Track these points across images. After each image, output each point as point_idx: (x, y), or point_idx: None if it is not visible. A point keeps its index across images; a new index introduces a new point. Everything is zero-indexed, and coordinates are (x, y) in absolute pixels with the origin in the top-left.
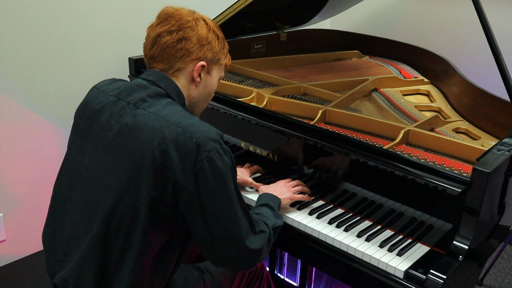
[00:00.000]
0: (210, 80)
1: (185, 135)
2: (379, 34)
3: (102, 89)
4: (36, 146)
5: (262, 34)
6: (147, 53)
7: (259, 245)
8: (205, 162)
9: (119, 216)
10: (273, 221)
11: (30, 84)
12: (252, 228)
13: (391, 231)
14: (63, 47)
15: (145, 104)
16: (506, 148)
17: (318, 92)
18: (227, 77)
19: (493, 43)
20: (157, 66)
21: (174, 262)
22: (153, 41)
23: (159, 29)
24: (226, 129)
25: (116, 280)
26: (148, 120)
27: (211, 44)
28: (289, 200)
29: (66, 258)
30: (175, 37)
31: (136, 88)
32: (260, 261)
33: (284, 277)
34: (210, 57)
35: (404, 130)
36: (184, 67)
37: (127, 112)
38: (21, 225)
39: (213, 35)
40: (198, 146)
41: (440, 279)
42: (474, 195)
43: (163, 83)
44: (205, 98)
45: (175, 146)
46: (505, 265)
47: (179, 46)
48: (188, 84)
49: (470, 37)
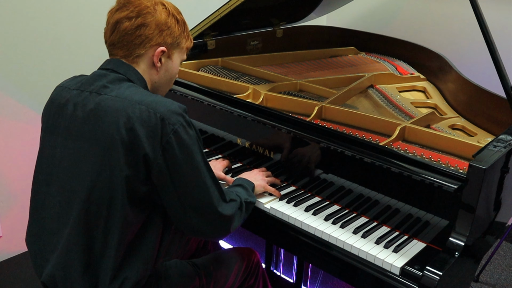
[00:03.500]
0: (171, 64)
1: (148, 111)
2: (375, 31)
3: (65, 86)
4: (32, 143)
5: (258, 30)
6: (107, 39)
7: (230, 211)
8: (170, 135)
9: (97, 200)
10: (245, 196)
11: (27, 81)
12: (222, 197)
13: (387, 227)
14: (60, 44)
15: (107, 90)
16: (502, 145)
17: (314, 89)
18: (223, 73)
19: (489, 40)
20: (117, 53)
21: (158, 243)
22: (112, 27)
23: (118, 15)
24: (222, 125)
25: (102, 265)
26: (112, 103)
27: (170, 29)
28: (261, 188)
29: (51, 254)
30: (134, 23)
31: (97, 78)
32: (232, 228)
33: (280, 274)
34: (170, 42)
35: (400, 127)
36: (144, 53)
37: (90, 100)
38: (17, 221)
39: (172, 20)
40: (163, 120)
41: (436, 276)
42: (470, 192)
43: (122, 69)
44: (168, 81)
45: (141, 123)
46: (501, 262)
47: (138, 32)
48: (149, 69)
49: (466, 34)
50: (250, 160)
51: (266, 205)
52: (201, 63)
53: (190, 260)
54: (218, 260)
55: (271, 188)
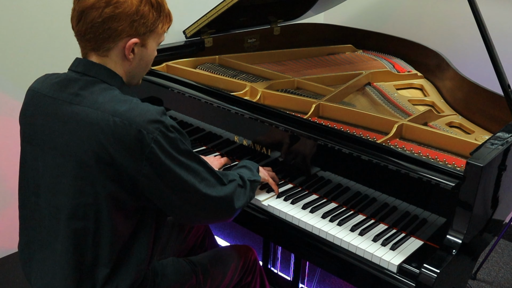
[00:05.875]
0: (146, 52)
1: (123, 123)
2: (372, 28)
3: (36, 90)
4: None
5: (255, 28)
6: (74, 27)
7: (229, 191)
8: (152, 145)
9: (82, 216)
10: (249, 175)
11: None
12: (219, 181)
13: (384, 225)
14: (57, 41)
15: (79, 99)
16: (500, 142)
17: (311, 86)
18: (220, 71)
19: (487, 37)
20: (86, 45)
21: (151, 243)
22: (78, 15)
23: (84, 2)
24: (219, 123)
25: (94, 276)
26: (85, 115)
27: (144, 17)
28: (265, 176)
29: (43, 265)
30: (101, 15)
31: (67, 83)
32: (237, 206)
33: (278, 271)
34: (143, 31)
35: (397, 124)
36: (114, 46)
37: (63, 112)
38: (14, 220)
39: (146, 6)
40: (140, 132)
41: (434, 273)
42: (468, 189)
43: (92, 71)
44: (144, 67)
45: (117, 138)
46: (498, 259)
47: (105, 26)
48: (122, 61)
49: (463, 31)
50: (247, 158)
51: (263, 202)
52: (199, 61)
53: (187, 258)
54: (215, 258)
55: (272, 181)
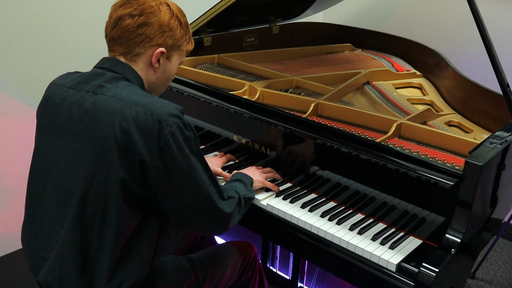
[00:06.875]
0: (169, 65)
1: (145, 113)
2: (371, 27)
3: (59, 84)
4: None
5: (254, 27)
6: (107, 34)
7: (229, 209)
8: (168, 137)
9: (92, 201)
10: (244, 192)
11: (23, 78)
12: (220, 195)
13: (383, 224)
14: (56, 40)
15: (103, 89)
16: (499, 141)
17: (310, 85)
18: (219, 71)
19: (486, 36)
20: (116, 49)
21: (154, 243)
22: (114, 22)
23: (121, 11)
24: (219, 122)
25: (98, 266)
26: (108, 103)
27: (172, 31)
28: (260, 184)
29: (48, 253)
30: (136, 21)
31: (93, 77)
32: (231, 224)
33: (277, 270)
34: (171, 44)
35: (396, 123)
36: (143, 52)
37: (86, 100)
38: (13, 218)
39: (175, 22)
40: (160, 122)
41: (433, 272)
42: (467, 188)
43: (119, 68)
44: (164, 82)
45: (137, 125)
46: (497, 258)
47: (139, 31)
48: (147, 68)
49: (462, 30)
50: (246, 156)
51: (262, 201)
52: (198, 60)
53: (186, 256)
54: (214, 255)
55: (269, 183)
